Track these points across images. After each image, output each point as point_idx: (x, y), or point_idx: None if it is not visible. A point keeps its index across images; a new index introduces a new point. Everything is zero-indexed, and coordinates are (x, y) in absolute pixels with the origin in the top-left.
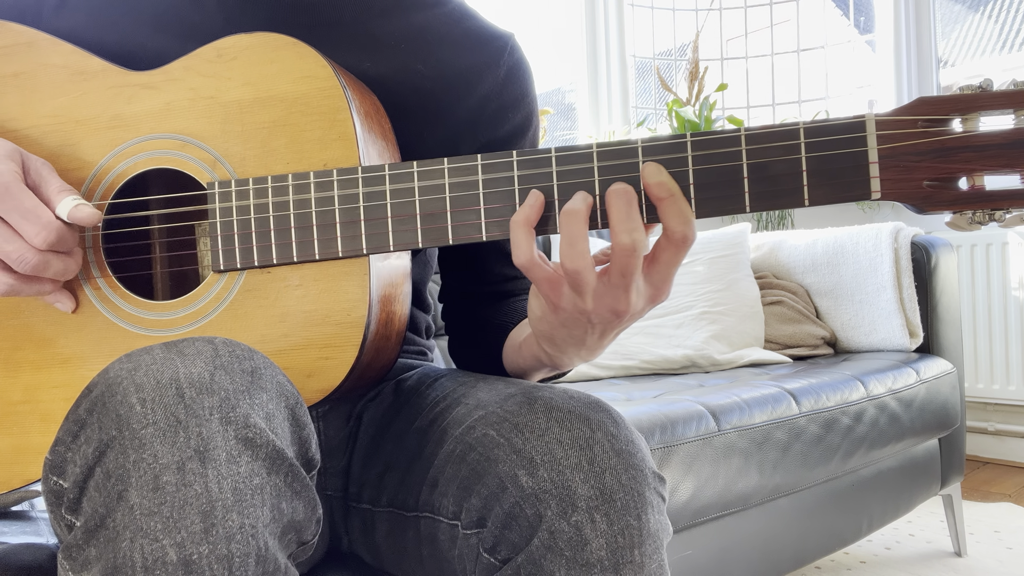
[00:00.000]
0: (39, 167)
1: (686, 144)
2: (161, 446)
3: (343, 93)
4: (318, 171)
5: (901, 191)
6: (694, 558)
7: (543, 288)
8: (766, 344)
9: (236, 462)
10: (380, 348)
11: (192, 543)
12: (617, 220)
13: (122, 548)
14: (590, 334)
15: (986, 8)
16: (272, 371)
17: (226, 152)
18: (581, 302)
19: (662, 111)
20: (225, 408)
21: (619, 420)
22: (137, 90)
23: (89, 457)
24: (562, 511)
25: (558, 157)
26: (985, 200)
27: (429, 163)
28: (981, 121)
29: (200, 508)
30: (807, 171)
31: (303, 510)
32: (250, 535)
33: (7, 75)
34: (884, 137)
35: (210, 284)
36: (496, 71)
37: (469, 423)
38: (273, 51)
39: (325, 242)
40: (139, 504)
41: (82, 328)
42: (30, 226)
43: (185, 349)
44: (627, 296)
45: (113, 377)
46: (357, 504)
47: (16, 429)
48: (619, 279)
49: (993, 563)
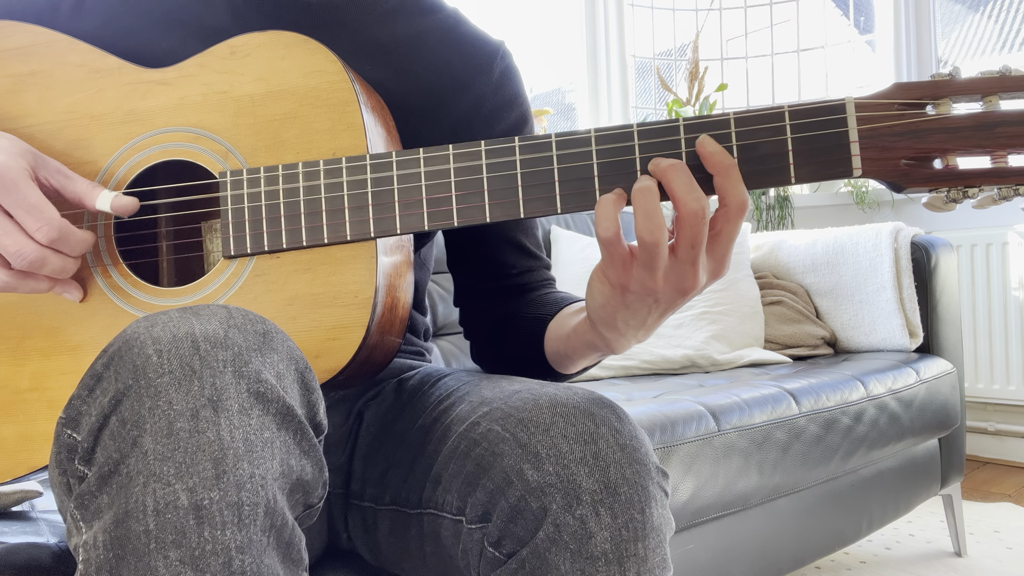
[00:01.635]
0: (58, 167)
1: (679, 128)
2: (176, 394)
3: (352, 86)
4: (328, 159)
5: (880, 169)
6: (694, 558)
7: (616, 267)
8: (766, 344)
9: (248, 414)
10: (385, 332)
11: (203, 488)
12: (682, 191)
13: (135, 492)
14: (652, 313)
15: (986, 8)
16: (282, 336)
17: (238, 144)
18: (651, 280)
19: (662, 111)
20: (238, 363)
21: (623, 416)
22: (152, 86)
23: (105, 406)
24: (567, 505)
25: (558, 142)
26: (958, 178)
27: (435, 149)
28: (953, 106)
29: (212, 455)
30: (793, 151)
31: (311, 469)
32: (260, 485)
33: (25, 73)
34: (863, 118)
35: (220, 270)
36: (489, 74)
37: (473, 419)
38: (284, 48)
39: (334, 227)
40: (153, 449)
41: (92, 316)
42: (33, 220)
43: (200, 311)
44: (695, 271)
45: (131, 333)
46: (359, 502)
47: (22, 417)
48: (688, 251)
49: (993, 563)
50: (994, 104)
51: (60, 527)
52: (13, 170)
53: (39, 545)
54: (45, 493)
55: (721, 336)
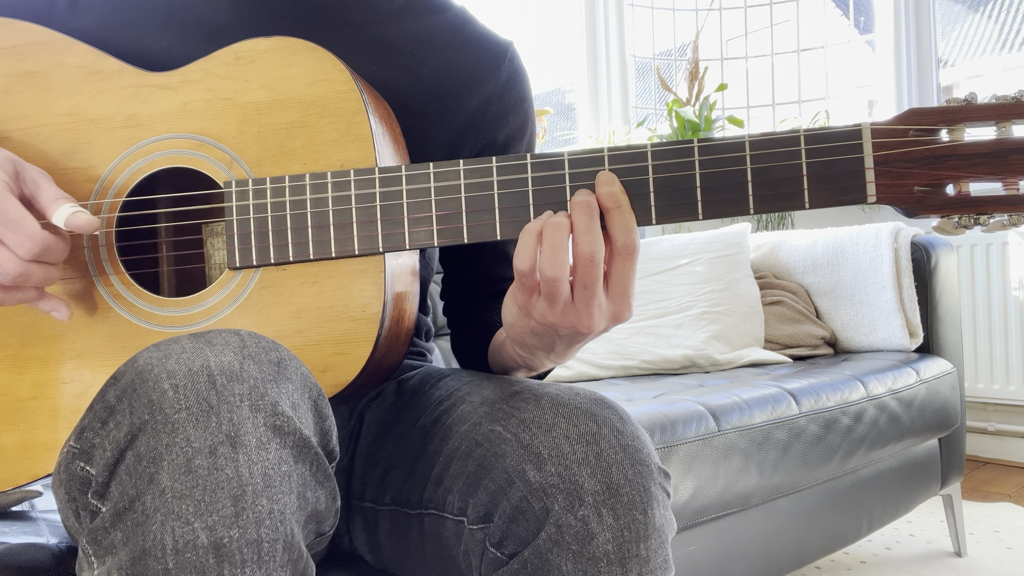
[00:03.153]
0: (35, 177)
1: (693, 149)
2: (194, 430)
3: (360, 96)
4: (335, 171)
5: (894, 195)
6: (694, 558)
7: (524, 294)
8: (766, 344)
9: (266, 448)
10: (391, 345)
11: (223, 526)
12: (579, 230)
13: (152, 531)
14: (558, 344)
15: (986, 8)
16: (296, 363)
17: (243, 152)
18: (550, 314)
19: (662, 111)
20: (254, 396)
21: (625, 416)
22: (154, 90)
23: (120, 441)
24: (569, 505)
25: (571, 160)
26: (970, 205)
27: (445, 164)
28: (967, 132)
29: (231, 492)
30: (807, 176)
31: (325, 500)
32: (279, 521)
33: (21, 73)
34: (879, 144)
35: (225, 281)
36: (497, 76)
37: (475, 419)
38: (291, 55)
39: (342, 240)
40: (171, 487)
41: (94, 324)
42: (14, 236)
43: (213, 339)
44: (589, 312)
45: (143, 365)
46: (360, 503)
47: (23, 425)
48: (581, 292)
49: (993, 563)
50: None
51: (60, 527)
52: None
53: (39, 546)
54: (45, 493)
55: (721, 336)
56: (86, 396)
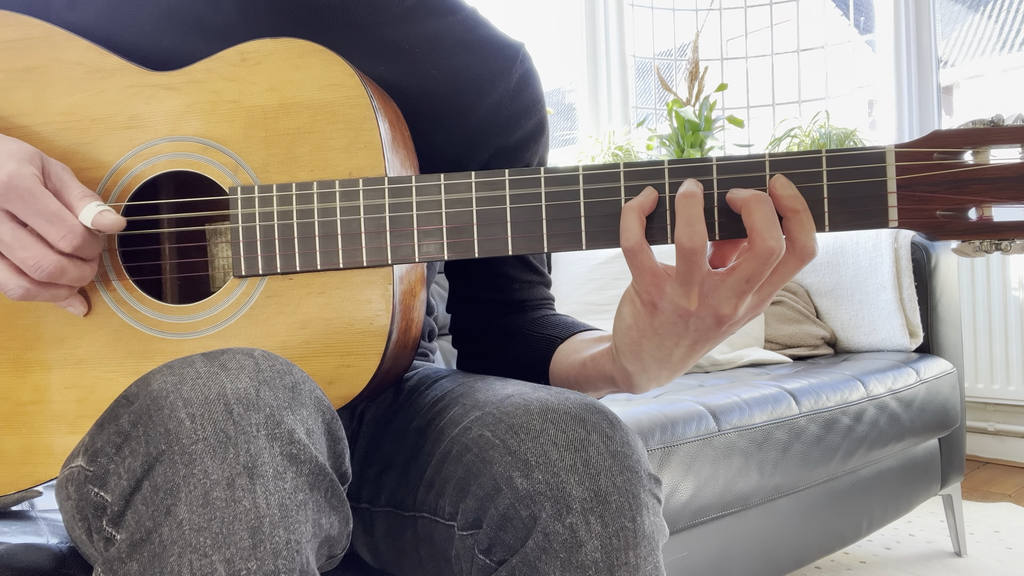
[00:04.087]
0: (59, 171)
1: (711, 167)
2: (211, 462)
3: (370, 102)
4: (344, 180)
5: (916, 220)
6: (694, 558)
7: (645, 281)
8: (766, 344)
9: (282, 478)
10: (399, 355)
11: (241, 559)
12: (764, 224)
13: (169, 563)
14: (680, 345)
15: (986, 8)
16: (310, 385)
17: (249, 157)
18: (685, 298)
19: (662, 111)
20: (271, 424)
21: (615, 422)
22: (157, 90)
23: (136, 470)
24: (557, 513)
25: (585, 176)
26: (992, 231)
27: (456, 176)
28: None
29: (249, 524)
30: (828, 198)
31: (338, 525)
32: (295, 551)
33: (19, 69)
34: (902, 168)
35: (230, 289)
36: (508, 79)
37: (465, 423)
38: (299, 57)
39: (350, 252)
40: (188, 519)
41: (97, 330)
42: (56, 230)
43: (228, 363)
44: (737, 301)
45: (157, 390)
46: (356, 503)
47: (25, 429)
48: (741, 283)
49: (993, 563)
50: None
51: (60, 527)
52: (27, 178)
53: (39, 546)
54: (45, 493)
55: None
56: (88, 402)
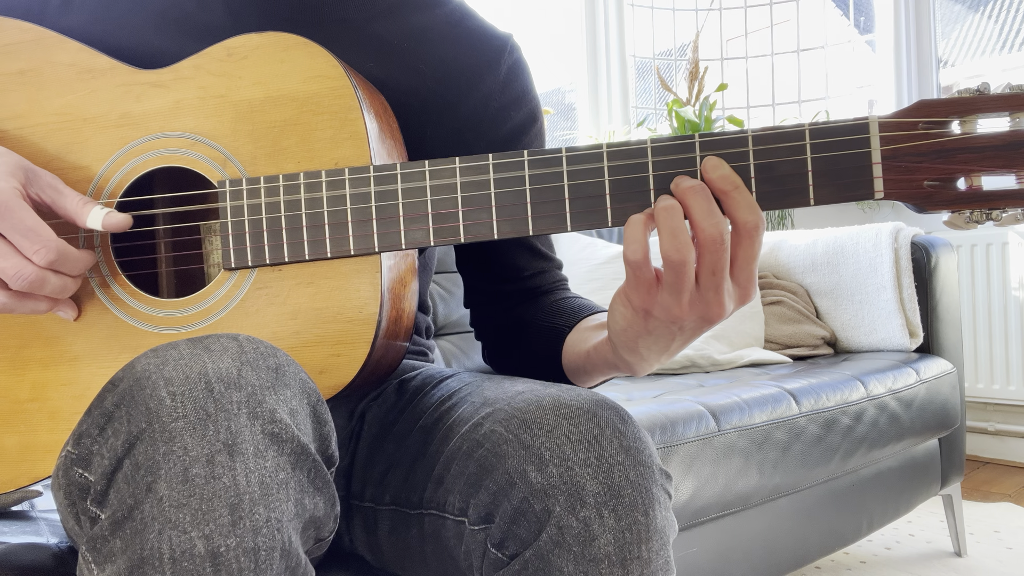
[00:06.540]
0: (51, 182)
1: (694, 145)
2: (191, 439)
3: (354, 93)
4: (330, 170)
5: (903, 191)
6: (695, 558)
7: (640, 291)
8: (766, 344)
9: (263, 456)
10: (390, 345)
11: (220, 535)
12: (700, 215)
13: (150, 539)
14: (676, 340)
15: (986, 8)
16: (295, 368)
17: (237, 151)
18: (676, 306)
19: (662, 111)
20: (252, 403)
21: (627, 417)
22: (146, 88)
23: (118, 449)
24: (570, 507)
25: (568, 157)
26: (982, 200)
27: (441, 162)
28: (979, 123)
29: (228, 501)
30: (812, 171)
31: (323, 506)
32: (276, 529)
33: (12, 72)
34: (886, 139)
35: (221, 282)
36: (497, 70)
37: (476, 420)
38: (284, 51)
39: (337, 240)
40: (168, 496)
41: (91, 326)
42: (30, 244)
43: (211, 345)
44: (719, 299)
45: (141, 371)
46: (359, 503)
47: (23, 427)
48: (709, 279)
49: (993, 563)
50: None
51: (60, 527)
52: (5, 192)
53: (39, 546)
54: (45, 493)
55: (721, 336)
56: (85, 398)
